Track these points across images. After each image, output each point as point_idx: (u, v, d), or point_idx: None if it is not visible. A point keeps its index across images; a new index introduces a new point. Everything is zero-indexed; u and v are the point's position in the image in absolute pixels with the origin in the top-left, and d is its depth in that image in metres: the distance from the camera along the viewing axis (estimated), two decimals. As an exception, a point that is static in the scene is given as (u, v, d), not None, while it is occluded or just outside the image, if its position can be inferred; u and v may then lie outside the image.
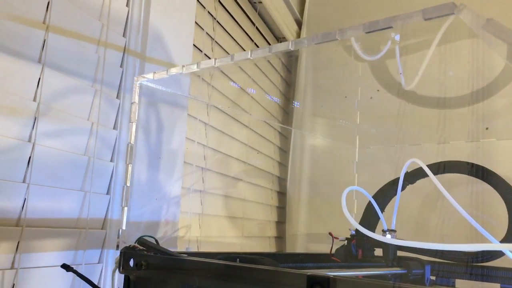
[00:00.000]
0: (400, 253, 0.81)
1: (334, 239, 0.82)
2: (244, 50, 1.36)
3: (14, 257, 0.65)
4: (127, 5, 0.89)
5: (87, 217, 0.77)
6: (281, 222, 1.67)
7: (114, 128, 0.85)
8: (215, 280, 0.46)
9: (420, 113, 1.39)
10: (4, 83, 0.64)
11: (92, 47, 0.80)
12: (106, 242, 0.82)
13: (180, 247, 1.03)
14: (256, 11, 1.48)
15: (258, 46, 1.50)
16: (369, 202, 0.81)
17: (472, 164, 0.84)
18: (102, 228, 0.82)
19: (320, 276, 0.40)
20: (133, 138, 0.65)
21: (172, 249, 0.66)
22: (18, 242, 0.66)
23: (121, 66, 0.86)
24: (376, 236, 0.60)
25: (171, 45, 0.95)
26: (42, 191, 0.69)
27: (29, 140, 0.68)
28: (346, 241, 0.82)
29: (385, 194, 0.82)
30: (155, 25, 0.91)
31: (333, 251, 0.82)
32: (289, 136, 1.73)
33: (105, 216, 0.83)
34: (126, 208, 0.62)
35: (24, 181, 0.67)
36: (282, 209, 1.68)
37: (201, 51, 1.13)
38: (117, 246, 0.62)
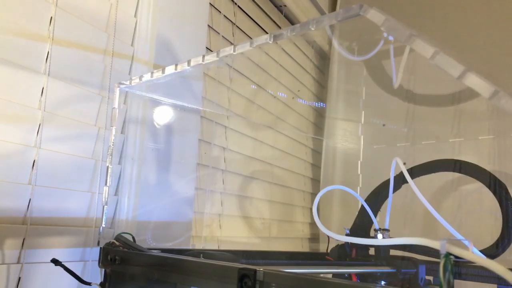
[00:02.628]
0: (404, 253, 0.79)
1: (331, 238, 0.82)
2: (267, 54, 1.38)
3: (20, 252, 0.71)
4: (135, 15, 0.93)
5: (95, 217, 0.82)
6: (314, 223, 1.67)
7: (122, 132, 0.89)
8: (166, 272, 0.49)
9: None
10: (9, 94, 0.70)
11: (98, 57, 0.85)
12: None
13: (198, 246, 1.06)
14: (282, 14, 1.50)
15: (284, 50, 1.52)
16: (364, 201, 0.81)
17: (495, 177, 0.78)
18: (110, 227, 0.87)
19: (248, 268, 0.41)
20: (112, 141, 0.69)
21: (185, 248, 0.70)
22: (24, 239, 0.71)
23: (129, 73, 0.91)
24: (334, 234, 0.60)
25: (181, 51, 0.99)
26: (48, 192, 0.75)
27: (34, 145, 0.73)
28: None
29: (378, 193, 0.81)
30: (164, 33, 0.95)
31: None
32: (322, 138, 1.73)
33: (114, 216, 0.88)
34: (106, 207, 0.66)
35: (29, 183, 0.73)
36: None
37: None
38: (98, 243, 0.66)
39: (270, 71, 1.42)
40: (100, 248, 0.61)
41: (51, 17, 0.76)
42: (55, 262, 0.62)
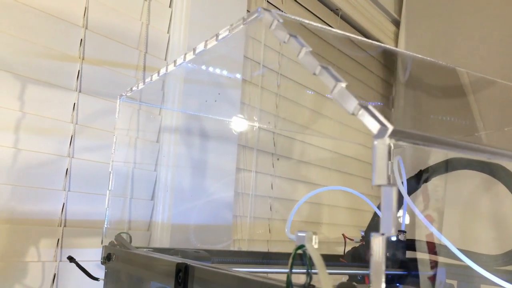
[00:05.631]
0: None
1: (349, 241, 0.80)
2: (323, 58, 1.38)
3: (56, 251, 0.79)
4: (168, 32, 0.99)
5: (129, 220, 0.89)
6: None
7: (157, 141, 0.96)
8: (136, 268, 0.53)
9: None
10: (43, 110, 0.79)
11: (130, 72, 0.92)
12: (150, 242, 0.93)
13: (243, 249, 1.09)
14: (339, 16, 1.48)
15: (344, 52, 1.50)
16: (380, 203, 0.77)
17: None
18: (147, 230, 0.94)
19: (182, 263, 0.43)
20: (113, 148, 0.75)
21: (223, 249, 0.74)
22: (59, 239, 0.80)
23: (162, 88, 0.97)
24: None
25: (214, 63, 1.03)
26: (80, 197, 0.83)
27: (67, 155, 0.82)
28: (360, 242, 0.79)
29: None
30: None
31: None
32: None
33: (150, 219, 0.94)
34: (108, 209, 0.71)
35: (63, 189, 0.81)
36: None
37: (259, 64, 1.18)
38: (102, 242, 0.71)
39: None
40: (103, 247, 0.67)
41: (81, 39, 0.84)
42: (70, 259, 0.68)
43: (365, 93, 1.59)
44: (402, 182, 0.70)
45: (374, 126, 0.27)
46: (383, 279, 0.25)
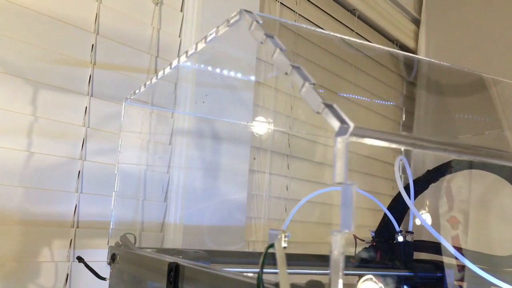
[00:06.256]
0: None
1: (360, 241, 0.79)
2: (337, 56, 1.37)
3: (68, 252, 0.81)
4: (180, 35, 1.01)
5: (140, 219, 0.90)
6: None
7: (170, 144, 0.97)
8: (136, 267, 0.54)
9: None
10: (56, 114, 0.81)
11: (141, 76, 0.94)
12: (164, 243, 0.94)
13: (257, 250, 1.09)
14: (355, 16, 1.47)
15: (361, 51, 1.48)
16: (390, 204, 0.77)
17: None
18: (161, 231, 0.95)
19: (173, 262, 0.44)
20: (119, 150, 0.76)
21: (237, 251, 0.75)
22: (71, 240, 0.82)
23: (174, 91, 0.98)
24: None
25: (227, 65, 1.04)
26: (92, 198, 0.85)
27: (79, 158, 0.84)
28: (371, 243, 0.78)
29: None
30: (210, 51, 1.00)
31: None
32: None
33: (163, 221, 0.95)
34: (114, 210, 0.73)
35: (75, 191, 0.83)
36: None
37: (272, 65, 1.18)
38: (108, 242, 0.73)
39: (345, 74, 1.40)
40: (109, 247, 0.68)
41: (92, 45, 0.86)
42: (79, 259, 0.70)
43: (380, 91, 1.57)
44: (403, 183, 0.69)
45: (335, 125, 0.27)
46: (341, 275, 0.25)
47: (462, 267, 0.72)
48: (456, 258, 0.59)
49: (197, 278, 0.41)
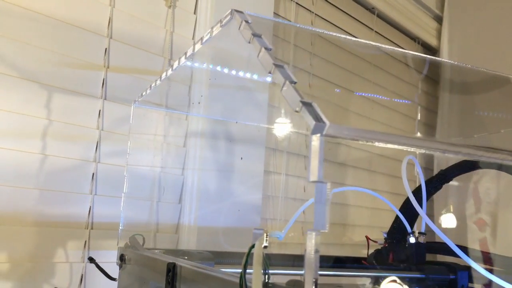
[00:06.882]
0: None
1: (373, 243, 0.78)
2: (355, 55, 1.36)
3: (83, 253, 0.83)
4: (193, 38, 1.01)
5: (156, 221, 0.91)
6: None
7: (184, 146, 0.97)
8: (142, 268, 0.55)
9: None
10: (70, 118, 0.82)
11: (155, 79, 0.94)
12: (178, 244, 0.95)
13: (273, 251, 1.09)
14: (375, 15, 1.45)
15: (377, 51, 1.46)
16: (402, 204, 0.75)
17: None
18: (175, 233, 0.95)
19: (171, 263, 0.44)
20: (129, 152, 0.76)
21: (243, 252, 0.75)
22: (86, 241, 0.83)
23: (188, 93, 0.99)
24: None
25: (241, 67, 1.04)
26: (108, 200, 0.86)
27: (93, 160, 0.85)
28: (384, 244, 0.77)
29: (416, 195, 0.74)
30: (222, 53, 1.01)
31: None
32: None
33: (178, 222, 0.96)
34: (123, 211, 0.73)
35: (90, 193, 0.84)
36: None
37: (289, 64, 1.18)
38: (117, 243, 0.73)
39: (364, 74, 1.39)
40: (118, 248, 0.69)
41: (106, 48, 0.88)
42: (91, 260, 0.71)
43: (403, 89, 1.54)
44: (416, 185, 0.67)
45: (311, 122, 0.26)
46: (316, 274, 0.24)
47: (490, 271, 0.70)
48: (459, 257, 0.57)
49: (193, 278, 0.41)
